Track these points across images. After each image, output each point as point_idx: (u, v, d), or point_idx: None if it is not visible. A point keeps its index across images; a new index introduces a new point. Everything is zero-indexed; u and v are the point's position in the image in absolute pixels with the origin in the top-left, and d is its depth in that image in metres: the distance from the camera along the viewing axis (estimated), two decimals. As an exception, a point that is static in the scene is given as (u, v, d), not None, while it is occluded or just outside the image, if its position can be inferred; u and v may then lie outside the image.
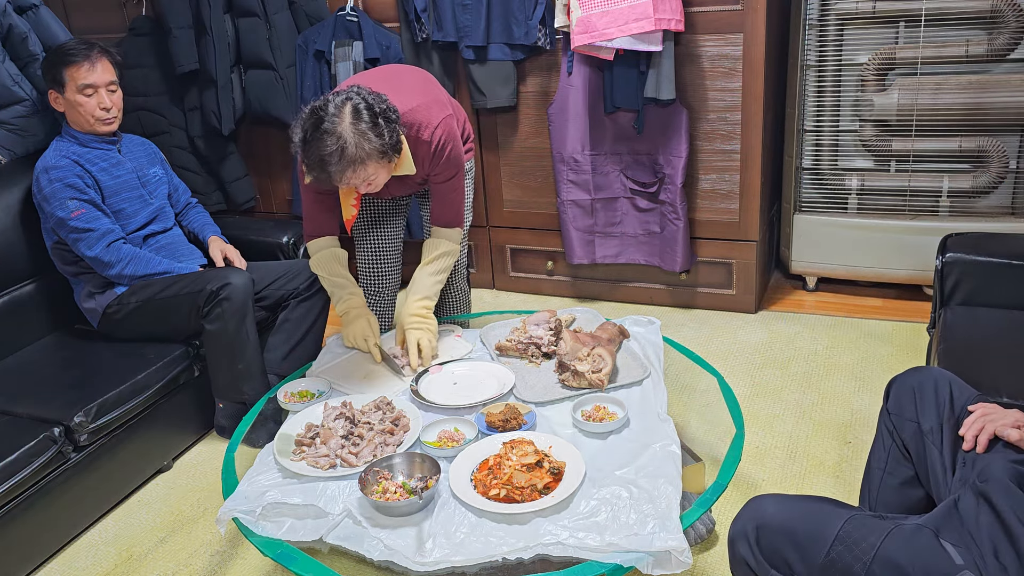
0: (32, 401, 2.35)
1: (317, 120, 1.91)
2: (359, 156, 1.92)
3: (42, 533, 2.22)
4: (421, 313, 2.25)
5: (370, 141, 1.92)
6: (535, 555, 1.50)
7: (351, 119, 1.91)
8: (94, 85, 2.56)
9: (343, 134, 1.90)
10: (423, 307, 2.26)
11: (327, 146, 1.89)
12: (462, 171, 2.30)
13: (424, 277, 2.30)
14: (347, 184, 1.99)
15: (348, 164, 1.92)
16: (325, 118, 1.90)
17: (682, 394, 2.76)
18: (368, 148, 1.92)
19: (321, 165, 1.92)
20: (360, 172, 1.96)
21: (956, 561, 1.27)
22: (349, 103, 1.93)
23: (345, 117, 1.91)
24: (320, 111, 1.92)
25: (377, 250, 2.56)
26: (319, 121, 1.91)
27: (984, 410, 1.50)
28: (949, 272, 2.33)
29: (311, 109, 1.94)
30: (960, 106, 2.95)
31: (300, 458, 1.82)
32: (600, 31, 2.83)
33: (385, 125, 1.95)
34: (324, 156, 1.90)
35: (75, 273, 2.68)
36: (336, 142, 1.89)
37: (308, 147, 1.92)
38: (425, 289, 2.28)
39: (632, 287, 3.50)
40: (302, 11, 3.49)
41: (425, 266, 2.32)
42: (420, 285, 2.29)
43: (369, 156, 1.93)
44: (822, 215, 3.28)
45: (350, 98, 1.94)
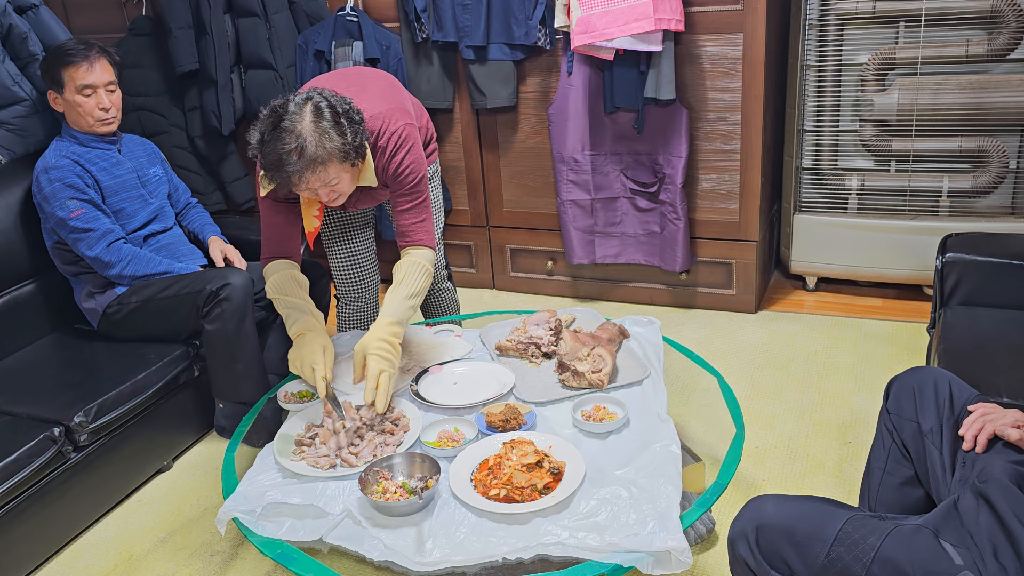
0: (32, 401, 2.35)
1: (276, 119, 1.83)
2: (319, 156, 1.83)
3: (42, 533, 2.22)
4: (389, 340, 1.97)
5: (331, 140, 1.84)
6: (535, 555, 1.50)
7: (312, 117, 1.83)
8: (93, 85, 2.56)
9: (302, 132, 1.81)
10: (391, 333, 1.99)
11: (285, 145, 1.80)
12: (423, 185, 2.13)
13: (396, 300, 2.05)
14: (307, 188, 1.88)
15: (307, 164, 1.82)
16: (284, 116, 1.82)
17: (682, 394, 2.76)
18: (329, 147, 1.84)
19: (279, 165, 1.82)
20: (320, 174, 1.86)
21: (956, 561, 1.27)
22: (310, 102, 1.86)
23: (305, 116, 1.83)
24: (279, 110, 1.84)
25: (351, 260, 2.50)
26: (278, 119, 1.83)
27: (984, 410, 1.50)
28: (949, 272, 2.33)
29: (270, 109, 1.87)
30: (960, 106, 2.95)
31: (300, 458, 1.82)
32: (600, 31, 2.83)
33: (348, 125, 1.87)
34: (282, 155, 1.81)
35: (75, 273, 2.68)
36: (295, 140, 1.80)
37: (265, 147, 1.83)
38: (396, 313, 2.03)
39: (632, 287, 3.50)
40: (302, 11, 3.49)
41: (398, 287, 2.07)
42: (390, 307, 2.03)
43: (330, 156, 1.85)
44: (822, 215, 3.28)
45: (311, 97, 1.87)
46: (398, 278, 2.09)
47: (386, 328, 1.99)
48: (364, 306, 2.58)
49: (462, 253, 3.75)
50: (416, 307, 2.10)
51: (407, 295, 2.06)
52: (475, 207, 3.62)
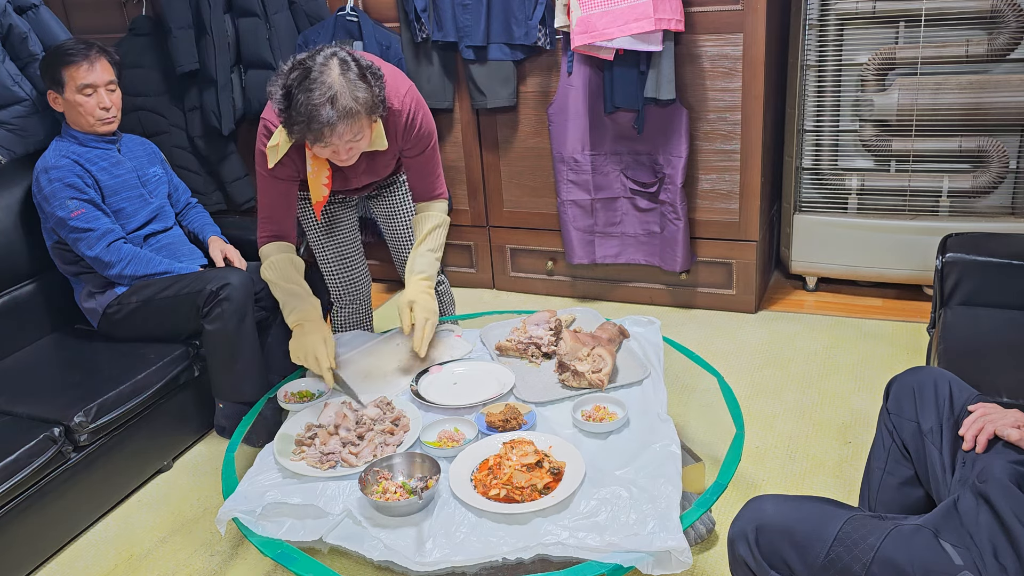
0: (32, 401, 2.35)
1: (304, 71, 1.82)
2: (351, 107, 1.82)
3: (42, 533, 2.22)
4: (425, 291, 2.18)
5: (361, 91, 1.84)
6: (535, 555, 1.51)
7: (340, 70, 1.84)
8: (93, 85, 2.56)
9: (333, 84, 1.81)
10: (426, 286, 2.19)
11: (316, 97, 1.79)
12: (435, 140, 2.23)
13: (421, 256, 2.23)
14: (336, 141, 1.87)
15: (341, 115, 1.81)
16: (313, 68, 1.82)
17: (682, 394, 2.76)
18: (361, 98, 1.84)
19: (311, 116, 1.80)
20: (352, 125, 1.85)
21: (955, 561, 1.27)
22: (335, 57, 1.86)
23: (334, 68, 1.83)
24: (306, 62, 1.83)
25: (340, 264, 2.50)
26: (307, 71, 1.82)
27: (984, 410, 1.50)
28: (949, 272, 2.33)
29: (295, 63, 1.85)
30: (960, 106, 2.95)
31: (300, 458, 1.82)
32: (600, 31, 2.83)
33: (372, 79, 1.88)
34: (314, 106, 1.79)
35: (75, 273, 2.68)
36: (327, 91, 1.80)
37: (294, 100, 1.81)
38: (424, 267, 2.21)
39: (632, 287, 3.50)
40: (302, 11, 3.49)
41: (419, 245, 2.24)
42: (418, 263, 2.21)
43: (361, 108, 1.85)
44: (822, 215, 3.28)
45: (336, 52, 1.87)
46: (420, 235, 2.25)
47: (422, 283, 2.19)
48: (359, 307, 2.58)
49: (462, 253, 3.75)
50: (440, 258, 2.28)
51: (431, 249, 2.25)
52: (475, 207, 3.62)
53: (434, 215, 2.26)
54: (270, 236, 2.20)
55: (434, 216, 2.25)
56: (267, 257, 2.19)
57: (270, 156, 2.01)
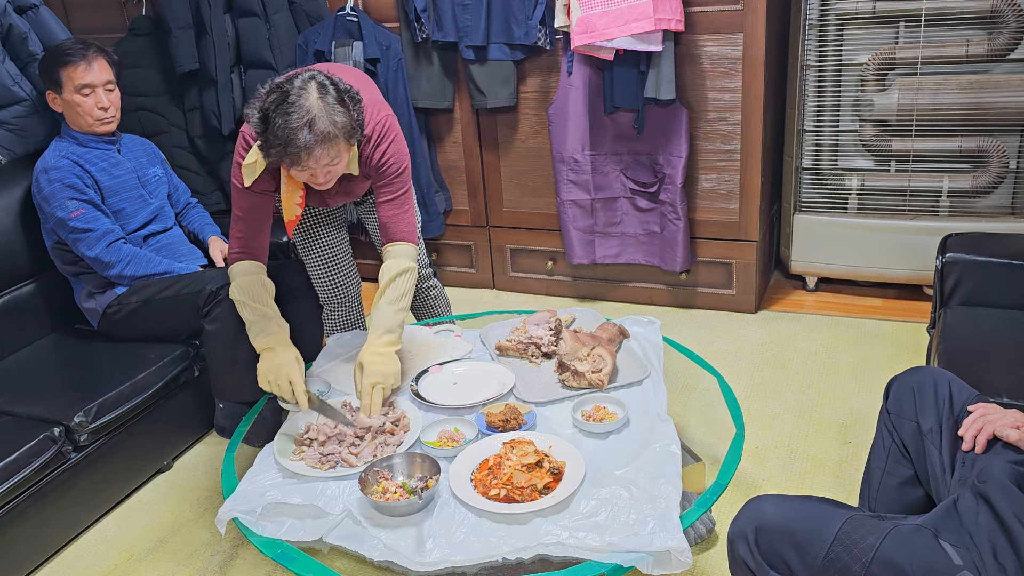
0: (32, 401, 2.35)
1: (282, 95, 1.81)
2: (328, 131, 1.81)
3: (42, 533, 2.22)
4: (382, 352, 1.99)
5: (339, 116, 1.83)
6: (535, 555, 1.50)
7: (318, 94, 1.83)
8: (91, 85, 2.56)
9: (311, 108, 1.80)
10: (385, 343, 2.01)
11: (294, 120, 1.78)
12: (407, 176, 2.15)
13: (383, 309, 2.05)
14: (313, 165, 1.85)
15: (318, 139, 1.80)
16: (291, 91, 1.81)
17: (682, 394, 2.76)
18: (339, 123, 1.83)
19: (288, 140, 1.79)
20: (329, 149, 1.83)
21: (955, 561, 1.27)
22: (314, 80, 1.85)
23: (312, 92, 1.82)
24: (284, 86, 1.83)
25: (327, 266, 2.48)
26: (284, 95, 1.81)
27: (983, 410, 1.50)
28: (949, 272, 2.33)
29: (272, 86, 1.85)
30: (960, 106, 2.95)
31: (300, 458, 1.82)
32: (600, 31, 2.83)
33: (350, 103, 1.87)
34: (292, 130, 1.78)
35: (75, 273, 2.68)
36: (304, 115, 1.79)
37: (271, 124, 1.80)
38: (386, 323, 2.03)
39: (632, 287, 3.50)
40: (302, 11, 3.49)
41: (382, 296, 2.08)
42: (379, 320, 2.04)
43: (339, 132, 1.84)
44: (822, 215, 3.28)
45: (314, 76, 1.86)
46: (381, 286, 2.08)
47: (378, 341, 2.00)
48: (349, 309, 2.58)
49: (462, 253, 3.75)
50: (405, 308, 2.08)
51: (391, 301, 2.06)
52: (475, 207, 3.62)
53: (396, 262, 2.09)
54: (241, 253, 2.12)
55: (396, 263, 2.09)
56: (236, 277, 2.10)
57: (246, 174, 1.98)
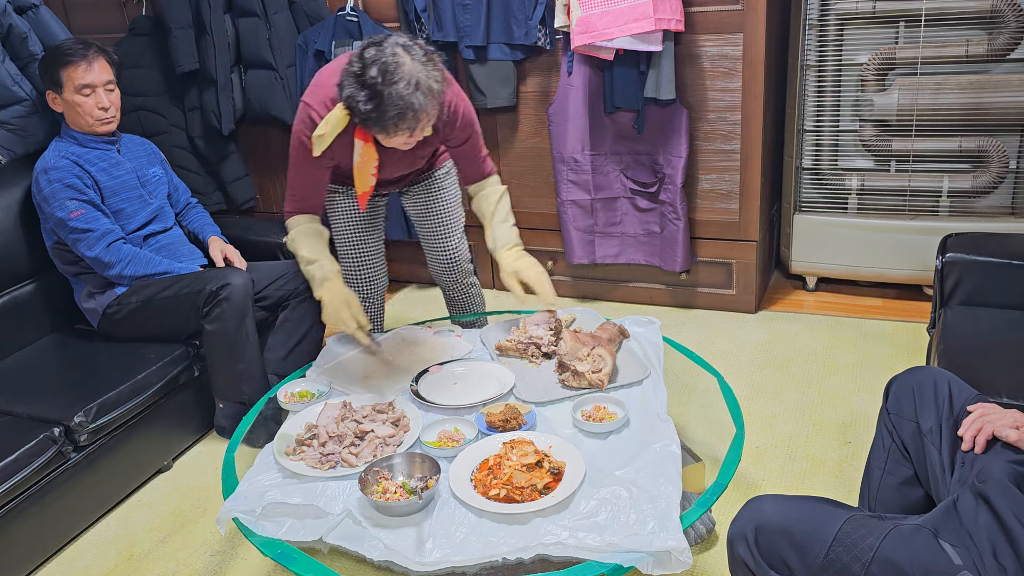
0: (32, 401, 2.35)
1: (382, 68, 1.82)
2: (434, 88, 1.86)
3: (42, 533, 2.22)
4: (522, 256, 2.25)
5: (434, 71, 1.88)
6: (535, 555, 1.50)
7: (409, 56, 1.85)
8: (91, 85, 2.56)
9: (413, 71, 1.83)
10: (520, 252, 2.26)
11: (402, 87, 1.81)
12: (477, 126, 2.25)
13: (497, 228, 2.28)
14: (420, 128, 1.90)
15: (428, 99, 1.84)
16: (388, 62, 1.82)
17: (682, 394, 2.76)
18: (437, 78, 1.88)
19: (404, 107, 1.82)
20: (435, 108, 1.89)
21: (955, 561, 1.27)
22: (397, 45, 1.86)
23: (404, 55, 1.84)
24: (377, 61, 1.83)
25: (361, 262, 2.52)
26: (384, 68, 1.82)
27: (983, 410, 1.50)
28: (949, 272, 2.33)
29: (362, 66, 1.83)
30: (960, 106, 2.95)
31: (300, 458, 1.82)
32: (600, 31, 2.83)
33: (436, 58, 1.91)
34: (404, 96, 1.81)
35: (75, 273, 2.68)
36: (411, 79, 1.82)
37: (382, 95, 1.82)
38: (511, 238, 2.28)
39: (632, 287, 3.50)
40: (302, 11, 3.49)
41: (493, 219, 2.29)
42: (505, 236, 2.27)
43: (440, 87, 1.88)
44: (822, 215, 3.28)
45: (396, 41, 1.87)
46: (490, 208, 2.30)
47: (512, 252, 2.26)
48: (372, 305, 2.59)
49: (462, 253, 3.75)
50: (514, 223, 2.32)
51: (503, 219, 2.30)
52: (475, 207, 3.62)
53: (492, 189, 2.31)
54: (295, 209, 2.21)
55: (494, 190, 2.31)
56: (295, 226, 2.21)
57: (317, 145, 2.00)
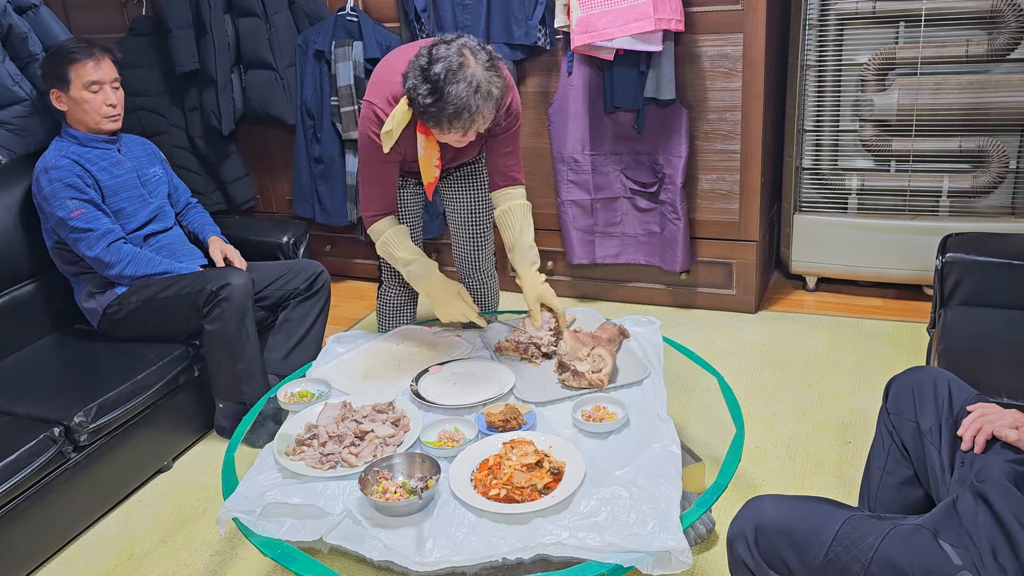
0: (32, 401, 2.35)
1: (446, 66, 1.86)
2: (494, 93, 1.90)
3: (42, 533, 2.22)
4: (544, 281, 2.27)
5: (496, 77, 1.92)
6: (535, 555, 1.50)
7: (475, 59, 1.89)
8: (100, 82, 2.57)
9: (476, 74, 1.87)
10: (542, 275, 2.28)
11: (463, 89, 1.86)
12: (520, 120, 2.28)
13: (525, 246, 2.29)
14: (479, 127, 1.95)
15: (487, 103, 1.89)
16: (452, 61, 1.87)
17: (682, 394, 2.76)
18: (498, 84, 1.92)
19: (461, 107, 1.87)
20: (493, 110, 1.93)
21: (954, 561, 1.27)
22: (465, 47, 1.90)
23: (469, 58, 1.89)
24: (442, 59, 1.87)
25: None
26: (448, 66, 1.86)
27: (982, 410, 1.50)
28: (949, 272, 2.33)
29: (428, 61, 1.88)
30: (960, 106, 2.95)
31: (300, 458, 1.82)
32: (600, 31, 2.83)
33: (499, 63, 1.94)
34: (463, 97, 1.86)
35: (75, 273, 2.68)
36: (472, 81, 1.87)
37: (443, 93, 1.86)
38: (534, 258, 2.29)
39: (632, 287, 3.50)
40: (302, 11, 3.49)
41: (520, 236, 2.29)
42: (528, 255, 2.28)
43: (499, 93, 1.92)
44: (822, 215, 3.28)
45: (464, 43, 1.92)
46: (517, 224, 2.29)
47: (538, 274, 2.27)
48: (405, 291, 2.58)
49: (462, 253, 3.74)
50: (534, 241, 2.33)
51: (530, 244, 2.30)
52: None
53: (519, 204, 2.31)
54: (376, 215, 2.26)
55: (519, 204, 2.31)
56: (380, 234, 2.26)
57: (385, 141, 2.05)
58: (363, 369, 2.21)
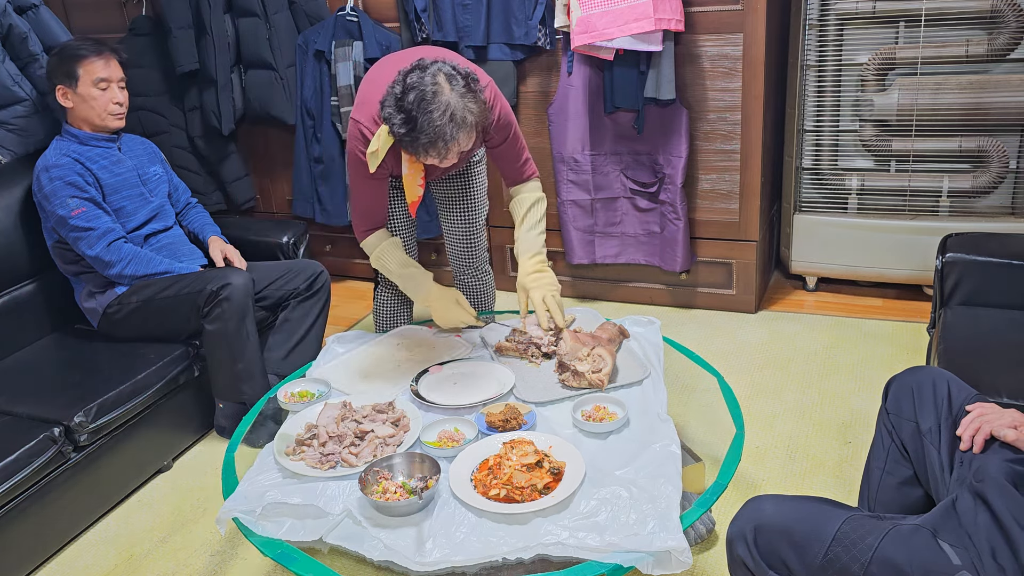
0: (32, 401, 2.35)
1: (420, 93, 1.86)
2: (469, 120, 1.90)
3: (42, 533, 2.22)
4: (539, 269, 2.24)
5: (472, 103, 1.91)
6: (535, 555, 1.50)
7: (449, 86, 1.89)
8: (108, 80, 2.59)
9: (449, 102, 1.87)
10: (537, 263, 2.25)
11: (437, 118, 1.86)
12: (516, 126, 2.28)
13: (526, 234, 2.29)
14: (454, 155, 1.94)
15: (461, 131, 1.89)
16: (426, 91, 1.86)
17: (682, 394, 2.76)
18: (475, 111, 1.91)
19: (435, 136, 1.87)
20: (469, 138, 1.93)
21: (954, 561, 1.27)
22: (440, 72, 1.90)
23: (443, 84, 1.88)
24: (416, 87, 1.87)
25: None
26: (422, 94, 1.86)
27: (981, 410, 1.50)
28: (949, 272, 2.33)
29: (405, 87, 1.89)
30: (960, 106, 2.95)
31: (300, 458, 1.82)
32: (600, 31, 2.83)
33: (475, 87, 1.94)
34: (437, 127, 1.86)
35: (76, 273, 2.68)
36: (445, 110, 1.86)
37: (416, 123, 1.87)
38: (534, 246, 2.27)
39: (632, 287, 3.50)
40: (302, 11, 3.49)
41: (521, 224, 2.30)
42: (527, 245, 2.27)
43: (476, 120, 1.92)
44: (822, 215, 3.28)
45: (440, 68, 1.91)
46: (520, 215, 2.31)
47: (530, 262, 2.25)
48: (399, 292, 2.57)
49: (462, 253, 3.74)
50: (544, 231, 2.31)
51: (531, 227, 2.30)
52: (475, 207, 3.62)
53: (529, 194, 2.32)
54: (368, 230, 2.28)
55: (530, 195, 2.32)
56: (373, 248, 2.29)
57: (371, 162, 2.05)
58: (363, 369, 2.21)
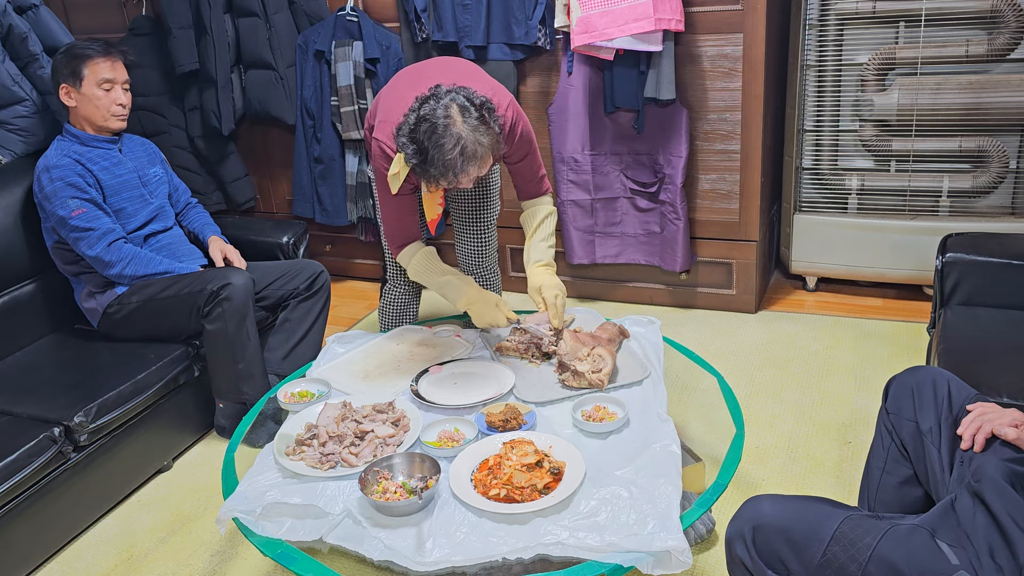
0: (32, 401, 2.35)
1: (431, 125, 1.90)
2: (480, 152, 1.93)
3: (42, 533, 2.22)
4: (547, 273, 2.29)
5: (485, 135, 1.93)
6: (535, 555, 1.50)
7: (462, 117, 1.91)
8: (113, 81, 2.59)
9: (460, 134, 1.89)
10: (547, 270, 2.31)
11: (448, 151, 1.89)
12: (535, 143, 2.32)
13: (535, 246, 2.34)
14: (466, 182, 1.98)
15: (471, 162, 1.92)
16: (438, 123, 1.89)
17: (682, 394, 2.76)
18: (486, 143, 1.94)
19: (446, 168, 1.91)
20: (480, 167, 1.97)
21: (952, 561, 1.27)
22: (453, 103, 1.92)
23: (456, 116, 1.91)
24: (428, 119, 1.90)
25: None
26: (434, 126, 1.89)
27: (981, 409, 1.50)
28: (949, 272, 2.34)
29: (419, 117, 1.92)
30: (960, 106, 2.95)
31: (300, 458, 1.82)
32: (600, 31, 2.83)
33: (489, 117, 1.96)
34: (448, 160, 1.89)
35: (76, 273, 2.68)
36: (456, 143, 1.89)
37: (428, 155, 1.91)
38: (544, 256, 2.33)
39: (632, 287, 3.50)
40: (302, 11, 3.49)
41: (532, 236, 2.35)
42: (537, 254, 2.33)
43: (488, 150, 1.95)
44: (822, 215, 3.28)
45: (453, 98, 1.93)
46: (532, 227, 2.36)
47: (540, 269, 2.31)
48: (409, 288, 2.61)
49: (462, 253, 3.74)
50: (553, 244, 2.37)
51: (543, 238, 2.35)
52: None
53: (543, 207, 2.37)
54: (401, 245, 2.30)
55: (542, 209, 2.37)
56: (407, 261, 2.31)
57: (392, 183, 2.08)
58: (363, 369, 2.21)
